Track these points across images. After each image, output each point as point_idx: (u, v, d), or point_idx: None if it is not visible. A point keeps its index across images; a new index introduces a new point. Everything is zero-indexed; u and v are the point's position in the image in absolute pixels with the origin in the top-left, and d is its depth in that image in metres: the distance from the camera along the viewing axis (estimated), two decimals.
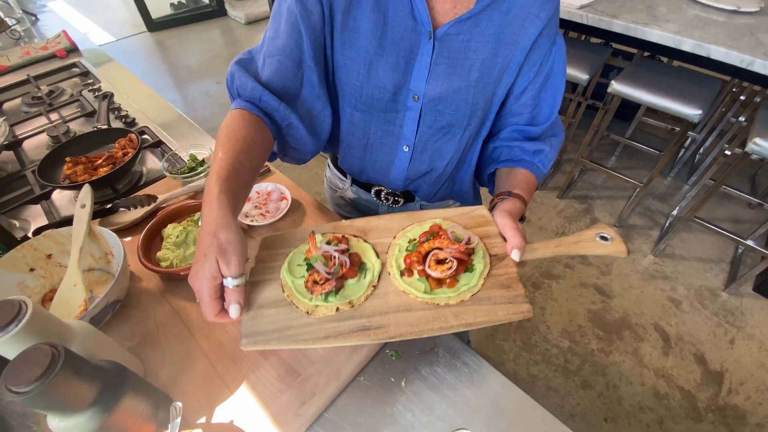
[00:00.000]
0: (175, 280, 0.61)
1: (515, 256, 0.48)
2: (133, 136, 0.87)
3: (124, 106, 1.05)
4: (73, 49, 1.37)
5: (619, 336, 1.54)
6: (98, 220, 0.70)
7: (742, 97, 2.01)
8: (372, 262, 0.51)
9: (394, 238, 0.54)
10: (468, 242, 0.49)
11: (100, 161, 0.81)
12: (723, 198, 2.07)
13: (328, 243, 0.50)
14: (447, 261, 0.47)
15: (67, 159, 0.80)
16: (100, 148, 0.88)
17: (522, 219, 0.57)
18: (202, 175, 0.78)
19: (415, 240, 0.52)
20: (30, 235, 0.69)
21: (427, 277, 0.48)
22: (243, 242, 0.42)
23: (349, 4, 0.52)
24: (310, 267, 0.49)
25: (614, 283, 1.72)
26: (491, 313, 0.44)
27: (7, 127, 0.92)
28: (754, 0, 1.56)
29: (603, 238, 0.49)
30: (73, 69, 1.26)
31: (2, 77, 1.23)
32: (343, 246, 0.51)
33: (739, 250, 1.85)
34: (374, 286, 0.49)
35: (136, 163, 0.87)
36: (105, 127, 0.93)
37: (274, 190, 0.74)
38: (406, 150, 0.64)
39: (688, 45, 1.35)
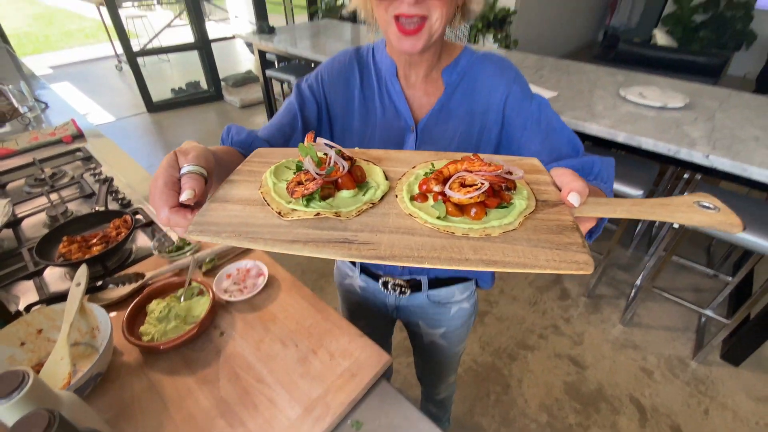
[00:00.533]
0: (155, 354, 0.65)
1: (573, 199, 0.37)
2: (127, 217, 0.95)
3: (121, 189, 1.15)
4: (78, 135, 1.51)
5: (596, 408, 1.54)
6: (87, 295, 0.75)
7: (685, 176, 2.26)
8: (377, 182, 0.43)
9: (414, 167, 0.46)
10: (509, 173, 0.39)
11: (95, 240, 0.89)
12: (682, 268, 2.21)
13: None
14: (476, 184, 0.37)
15: (65, 238, 0.87)
16: (96, 228, 0.96)
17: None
18: (188, 253, 0.85)
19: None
20: (22, 310, 0.73)
21: (445, 200, 0.38)
22: (207, 150, 0.42)
23: (344, 112, 0.66)
24: (299, 170, 0.42)
25: (587, 353, 1.76)
26: (529, 255, 0.33)
27: (10, 208, 1.00)
28: (680, 97, 1.85)
29: (703, 207, 0.36)
30: (77, 153, 1.38)
31: (9, 160, 1.34)
32: (346, 156, 0.44)
33: (702, 319, 1.94)
34: (372, 204, 0.40)
35: (128, 242, 0.95)
36: (102, 209, 1.02)
37: (252, 267, 0.82)
38: None
39: (621, 137, 1.58)
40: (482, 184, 0.37)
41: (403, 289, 0.82)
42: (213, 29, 5.55)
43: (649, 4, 6.21)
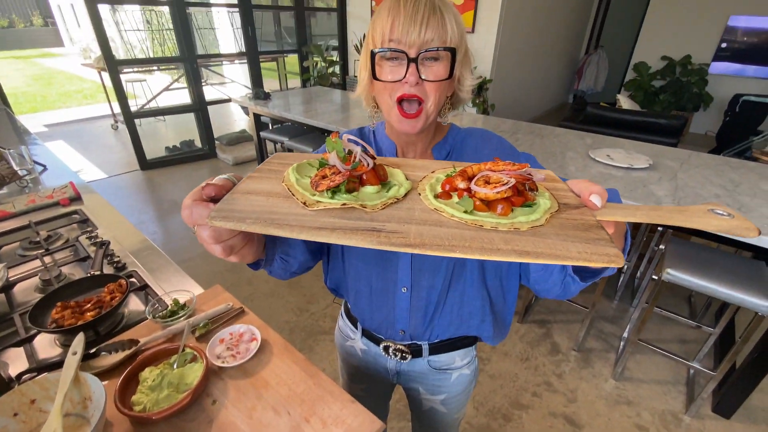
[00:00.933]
0: (147, 425, 0.65)
1: (595, 200, 0.40)
2: (122, 281, 0.97)
3: (117, 252, 1.17)
4: (76, 198, 1.55)
5: None
6: (79, 363, 0.75)
7: (659, 228, 2.38)
8: (399, 182, 0.44)
9: (433, 172, 0.47)
10: (530, 175, 0.41)
11: (88, 305, 0.90)
12: (666, 320, 2.25)
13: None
14: (501, 182, 0.39)
15: (58, 304, 0.88)
16: (90, 292, 0.97)
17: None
18: (182, 318, 0.87)
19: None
20: (14, 378, 0.72)
21: (471, 196, 0.39)
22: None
23: None
24: (322, 167, 0.43)
25: (582, 411, 1.73)
26: (560, 248, 0.34)
27: (5, 272, 1.01)
28: (644, 159, 2.02)
29: (718, 214, 0.38)
30: (74, 216, 1.42)
31: (6, 222, 1.36)
32: (371, 154, 0.45)
33: (691, 371, 1.95)
34: (397, 199, 0.41)
35: (121, 306, 0.96)
36: (98, 272, 1.04)
37: (246, 332, 0.83)
38: (405, 291, 0.75)
39: None
40: (508, 180, 0.38)
41: (404, 354, 0.84)
42: (210, 92, 5.86)
43: (611, 72, 6.85)
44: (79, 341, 0.69)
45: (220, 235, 0.42)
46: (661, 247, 2.32)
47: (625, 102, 4.43)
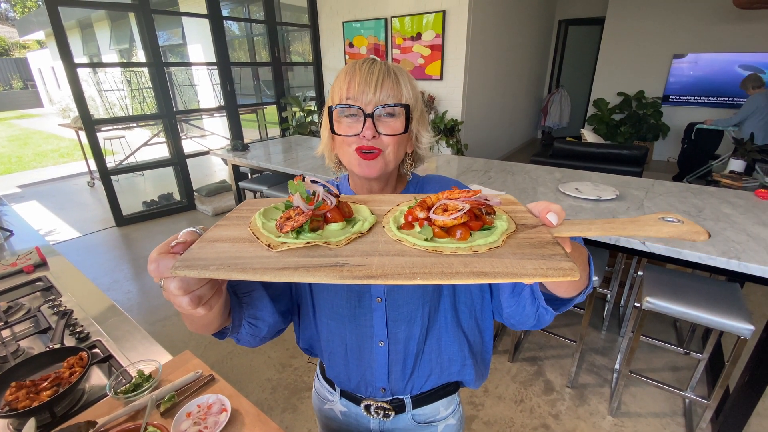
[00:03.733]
0: None
1: (552, 217, 0.41)
2: (83, 354, 0.91)
3: (81, 320, 1.11)
4: (41, 264, 1.49)
5: None
6: None
7: (636, 256, 2.43)
8: (364, 216, 0.46)
9: (398, 205, 0.49)
10: (486, 200, 0.43)
11: (45, 383, 0.83)
12: (655, 348, 2.24)
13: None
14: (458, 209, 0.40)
15: (13, 384, 0.82)
16: (49, 368, 0.90)
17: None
18: (147, 391, 0.81)
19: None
20: None
21: (431, 225, 0.41)
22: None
23: None
24: (288, 209, 0.44)
25: None
26: (517, 266, 0.35)
27: None
28: (610, 190, 2.10)
29: (668, 221, 0.39)
30: (37, 283, 1.35)
31: None
32: (334, 193, 0.46)
33: (687, 400, 1.91)
34: (361, 234, 0.42)
35: (81, 381, 0.89)
36: (58, 345, 0.98)
37: (215, 402, 0.78)
38: (382, 345, 0.73)
39: None
40: (463, 206, 0.40)
41: (386, 412, 0.80)
42: (189, 145, 5.91)
43: (574, 108, 7.29)
44: (29, 428, 0.63)
45: (188, 286, 0.41)
46: (640, 273, 2.36)
47: (589, 135, 4.68)
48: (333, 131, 0.67)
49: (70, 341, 1.04)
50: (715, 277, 2.10)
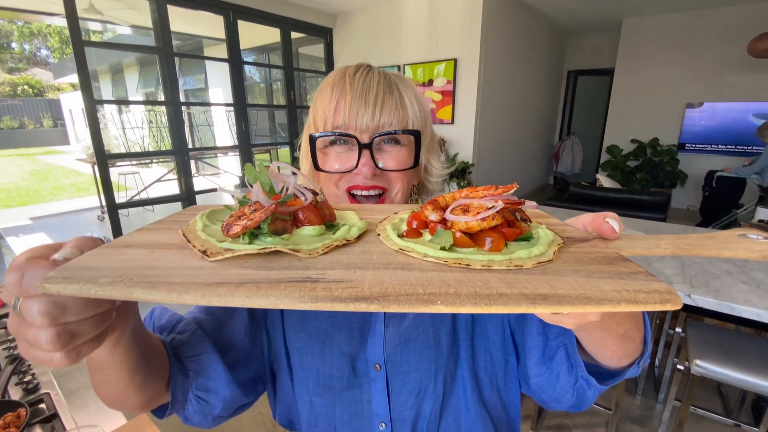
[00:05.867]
0: None
1: (614, 224, 0.32)
2: (22, 411, 0.75)
3: (35, 366, 0.95)
4: None
5: None
6: None
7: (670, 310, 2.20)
8: (351, 222, 0.35)
9: (396, 213, 0.39)
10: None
11: None
12: (700, 417, 1.94)
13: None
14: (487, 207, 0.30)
15: None
16: None
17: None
18: None
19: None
20: None
21: (448, 228, 0.30)
22: None
23: None
24: (243, 205, 0.32)
25: None
26: (588, 287, 0.24)
27: None
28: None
29: (750, 239, 0.31)
30: (3, 319, 1.21)
31: None
32: (311, 189, 0.35)
33: None
34: (347, 241, 0.31)
35: None
36: None
37: None
38: (384, 428, 0.55)
39: None
40: (494, 203, 0.29)
41: None
42: (202, 182, 5.97)
43: (586, 155, 7.26)
44: None
45: (60, 312, 0.25)
46: (678, 330, 2.12)
47: (605, 181, 4.56)
48: (317, 167, 0.53)
49: (15, 392, 0.87)
50: (764, 334, 1.86)
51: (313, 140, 0.52)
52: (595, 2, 5.04)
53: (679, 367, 1.78)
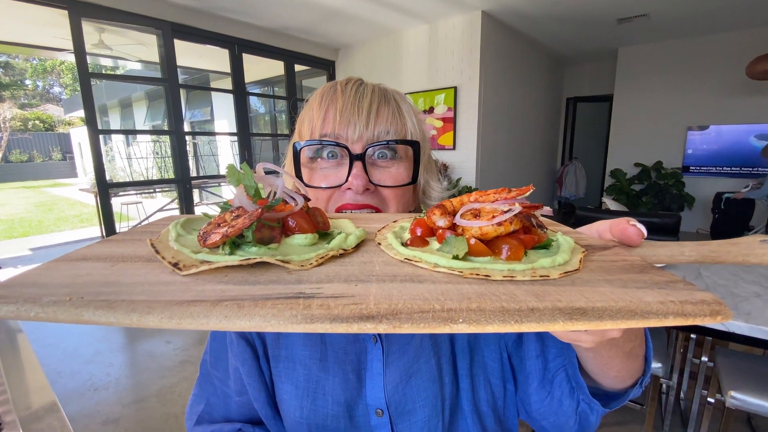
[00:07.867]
0: None
1: (642, 228, 0.30)
2: None
3: (2, 413, 0.86)
4: None
5: None
6: None
7: (693, 336, 2.06)
8: (347, 231, 0.32)
9: (395, 221, 0.36)
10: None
11: None
12: None
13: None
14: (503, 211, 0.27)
15: None
16: None
17: None
18: None
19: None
20: None
21: (459, 234, 0.27)
22: None
23: (277, 333, 0.48)
24: (225, 210, 0.29)
25: None
26: (627, 298, 0.22)
27: None
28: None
29: None
30: None
31: None
32: (302, 194, 0.32)
33: None
34: (344, 251, 0.28)
35: None
36: None
37: None
38: None
39: None
40: (511, 207, 0.27)
41: None
42: (204, 211, 5.96)
43: (590, 180, 7.24)
44: None
45: None
46: (704, 359, 1.98)
47: (611, 204, 4.49)
48: (303, 181, 0.47)
49: None
50: None
51: (297, 152, 0.46)
52: (590, 32, 5.17)
53: (710, 400, 1.64)
